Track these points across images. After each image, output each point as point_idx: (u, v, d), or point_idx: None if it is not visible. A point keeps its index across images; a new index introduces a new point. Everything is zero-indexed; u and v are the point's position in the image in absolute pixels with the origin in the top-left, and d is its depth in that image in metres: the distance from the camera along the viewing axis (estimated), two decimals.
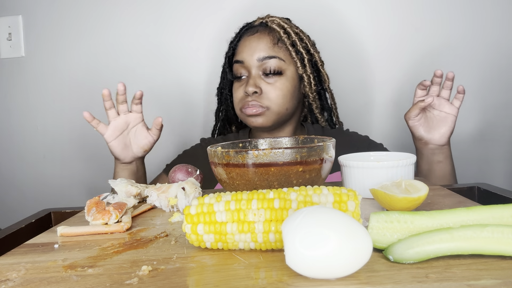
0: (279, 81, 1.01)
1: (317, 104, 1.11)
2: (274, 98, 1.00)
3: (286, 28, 1.04)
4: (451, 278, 0.38)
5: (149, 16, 1.35)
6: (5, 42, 1.37)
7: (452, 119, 0.95)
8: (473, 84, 1.28)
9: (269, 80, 1.01)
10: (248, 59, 1.02)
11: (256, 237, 0.46)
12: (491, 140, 1.31)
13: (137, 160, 0.99)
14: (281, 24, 1.04)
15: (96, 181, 1.38)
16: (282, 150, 0.61)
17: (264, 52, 1.01)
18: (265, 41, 1.02)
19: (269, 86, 1.01)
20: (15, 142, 1.41)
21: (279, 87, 1.01)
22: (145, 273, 0.43)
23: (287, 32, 1.03)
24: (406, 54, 1.31)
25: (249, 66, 1.02)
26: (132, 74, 1.37)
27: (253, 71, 1.01)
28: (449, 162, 0.99)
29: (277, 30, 1.03)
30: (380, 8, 1.30)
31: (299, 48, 1.03)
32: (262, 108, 1.00)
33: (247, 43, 1.03)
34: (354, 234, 0.38)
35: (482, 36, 1.28)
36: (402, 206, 0.56)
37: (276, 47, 1.02)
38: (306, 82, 1.05)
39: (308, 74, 1.05)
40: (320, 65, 1.08)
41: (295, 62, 1.03)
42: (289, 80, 1.03)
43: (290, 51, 1.03)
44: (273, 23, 1.04)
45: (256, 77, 1.01)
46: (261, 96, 1.00)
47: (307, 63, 1.05)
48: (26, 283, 0.42)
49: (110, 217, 0.60)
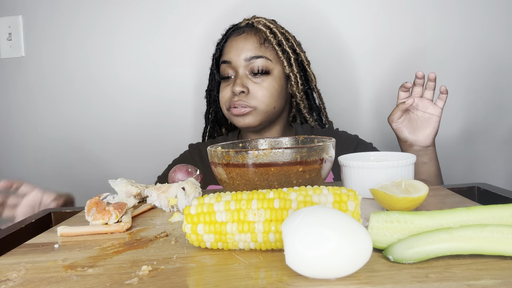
0: (266, 80, 1.02)
1: (305, 104, 1.11)
2: (261, 97, 1.01)
3: (272, 28, 1.05)
4: (451, 278, 0.38)
5: (149, 16, 1.35)
6: (5, 42, 1.37)
7: (436, 119, 0.95)
8: (465, 85, 1.30)
9: (256, 79, 1.02)
10: (235, 59, 1.02)
11: (256, 237, 0.46)
12: (483, 140, 1.32)
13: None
14: (267, 24, 1.05)
15: (96, 181, 1.38)
16: (282, 150, 0.61)
17: (251, 52, 1.02)
18: (251, 41, 1.03)
19: (256, 85, 1.01)
20: (15, 142, 1.41)
21: (266, 87, 1.01)
22: (145, 273, 0.43)
23: (273, 32, 1.04)
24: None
25: (236, 66, 1.03)
26: (132, 74, 1.37)
27: (240, 71, 1.02)
28: (434, 163, 0.99)
29: (263, 30, 1.04)
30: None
31: (285, 47, 1.04)
32: (249, 108, 1.00)
33: (234, 44, 1.04)
34: (354, 234, 0.38)
35: (473, 36, 1.29)
36: (402, 206, 0.56)
37: (262, 47, 1.03)
38: (293, 82, 1.06)
39: (295, 73, 1.06)
40: (306, 65, 1.09)
41: (282, 61, 1.04)
42: (276, 80, 1.03)
43: (276, 51, 1.03)
44: (259, 24, 1.05)
45: (243, 76, 1.02)
46: (248, 96, 1.01)
47: (294, 63, 1.05)
48: (26, 283, 0.42)
49: (110, 217, 0.60)
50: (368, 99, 1.34)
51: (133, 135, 1.38)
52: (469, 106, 1.31)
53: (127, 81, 1.38)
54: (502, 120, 1.31)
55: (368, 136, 1.27)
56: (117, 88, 1.38)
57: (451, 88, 1.30)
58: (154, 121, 1.38)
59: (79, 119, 1.39)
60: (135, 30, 1.36)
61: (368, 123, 1.34)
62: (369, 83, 1.33)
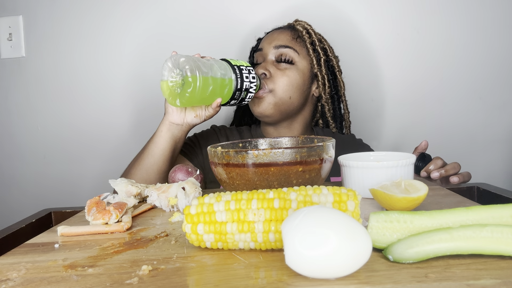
0: (289, 69, 1.05)
1: (329, 107, 1.13)
2: (279, 82, 1.03)
3: (308, 29, 1.10)
4: (450, 278, 0.38)
5: (149, 16, 1.35)
6: (6, 42, 1.37)
7: None
8: (465, 85, 1.30)
9: (280, 66, 1.05)
10: (266, 47, 1.07)
11: (256, 237, 0.46)
12: (483, 140, 1.32)
13: (184, 127, 0.94)
14: (305, 26, 1.11)
15: (96, 181, 1.38)
16: (282, 150, 0.61)
17: (281, 41, 1.06)
18: (285, 34, 1.08)
19: (278, 71, 1.04)
20: (15, 142, 1.41)
21: (287, 74, 1.04)
22: (145, 273, 0.43)
23: (309, 32, 1.09)
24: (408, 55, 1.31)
25: (266, 53, 1.07)
26: (132, 74, 1.37)
27: (268, 57, 1.06)
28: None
29: (300, 29, 1.09)
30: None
31: (317, 47, 1.08)
32: (267, 91, 1.02)
33: (270, 35, 1.10)
34: (354, 234, 0.38)
35: (473, 36, 1.29)
36: (402, 206, 0.56)
37: (294, 41, 1.07)
38: (320, 82, 1.09)
39: (323, 75, 1.09)
40: (337, 71, 1.12)
41: (311, 59, 1.07)
42: (299, 72, 1.06)
43: (308, 48, 1.07)
44: (298, 25, 1.10)
45: (268, 62, 1.06)
46: (269, 79, 1.03)
47: (323, 64, 1.09)
48: (26, 283, 0.42)
49: (110, 217, 0.60)
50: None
51: (133, 135, 1.38)
52: (469, 106, 1.31)
53: (127, 81, 1.38)
54: (502, 120, 1.31)
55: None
56: (117, 88, 1.38)
57: (451, 88, 1.31)
58: (154, 121, 1.38)
59: (79, 119, 1.39)
60: (135, 30, 1.36)
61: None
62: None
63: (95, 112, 1.39)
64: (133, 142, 1.38)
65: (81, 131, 1.39)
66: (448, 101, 1.32)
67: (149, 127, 1.38)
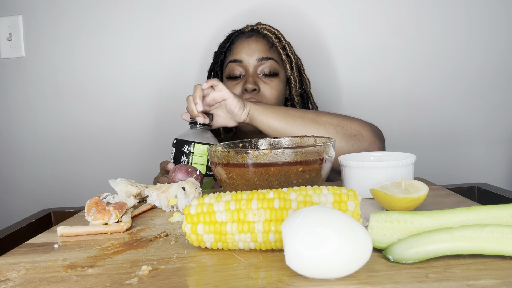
0: (275, 81, 1.06)
1: (301, 107, 1.14)
2: (270, 97, 1.05)
3: (276, 33, 1.10)
4: (450, 278, 0.38)
5: (149, 15, 1.35)
6: (5, 42, 1.37)
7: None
8: (465, 85, 1.30)
9: (266, 80, 1.06)
10: (247, 59, 1.06)
11: (256, 237, 0.46)
12: (483, 140, 1.32)
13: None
14: (272, 30, 1.11)
15: (96, 181, 1.38)
16: (282, 150, 0.61)
17: (263, 53, 1.06)
18: (262, 44, 1.08)
19: (266, 85, 1.05)
20: (15, 142, 1.41)
21: (274, 87, 1.06)
22: (145, 273, 0.43)
23: (278, 37, 1.10)
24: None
25: (247, 66, 1.06)
26: (132, 74, 1.37)
27: (251, 70, 1.06)
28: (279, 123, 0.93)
29: (269, 35, 1.09)
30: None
31: (288, 52, 1.10)
32: None
33: (246, 45, 1.08)
34: (354, 234, 0.38)
35: (473, 36, 1.29)
36: (402, 206, 0.56)
37: (271, 50, 1.08)
38: (293, 85, 1.11)
39: (295, 77, 1.11)
40: (302, 69, 1.14)
41: (285, 64, 1.09)
42: (282, 82, 1.09)
43: (281, 55, 1.09)
44: (264, 30, 1.11)
45: (254, 75, 1.06)
46: (259, 94, 1.04)
47: (294, 67, 1.10)
48: (26, 283, 0.42)
49: (110, 217, 0.60)
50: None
51: (133, 134, 1.38)
52: (469, 106, 1.31)
53: (127, 81, 1.38)
54: (502, 120, 1.31)
55: None
56: (117, 88, 1.38)
57: (451, 88, 1.31)
58: (154, 121, 1.38)
59: (79, 119, 1.39)
60: (136, 30, 1.36)
61: None
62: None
63: (95, 112, 1.39)
64: (133, 142, 1.39)
65: (80, 131, 1.39)
66: (448, 101, 1.32)
67: (149, 126, 1.39)
